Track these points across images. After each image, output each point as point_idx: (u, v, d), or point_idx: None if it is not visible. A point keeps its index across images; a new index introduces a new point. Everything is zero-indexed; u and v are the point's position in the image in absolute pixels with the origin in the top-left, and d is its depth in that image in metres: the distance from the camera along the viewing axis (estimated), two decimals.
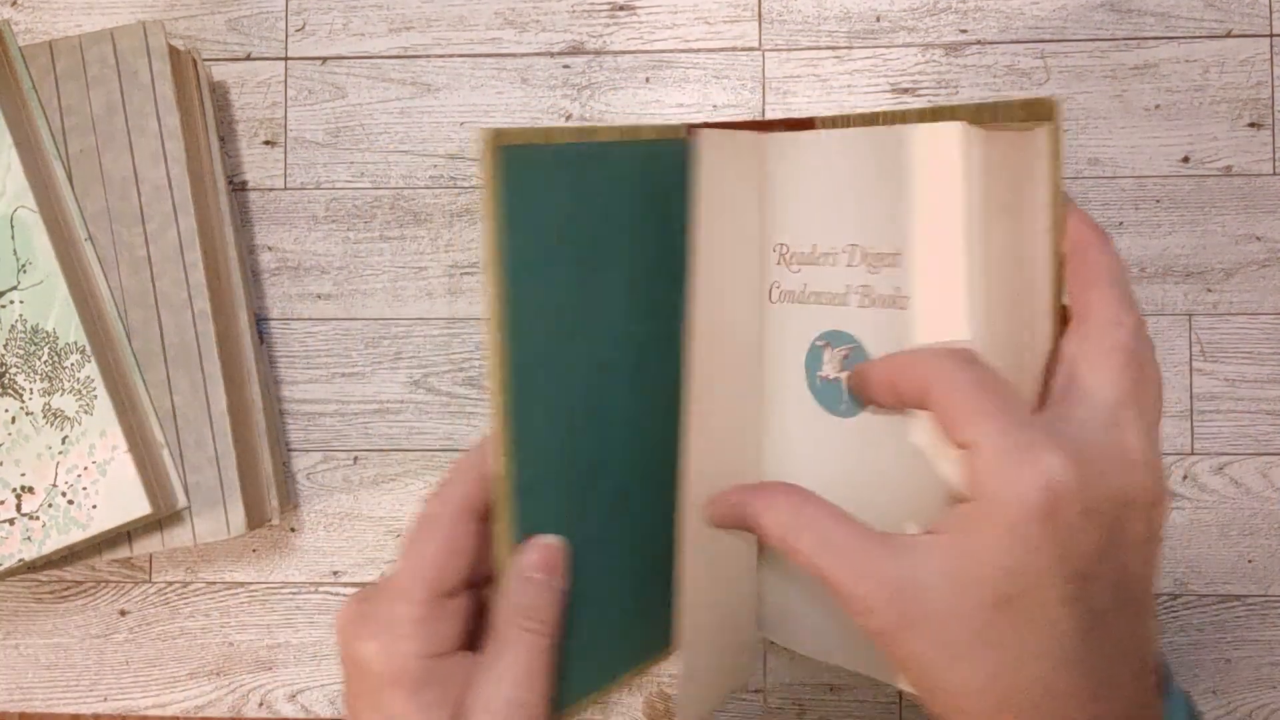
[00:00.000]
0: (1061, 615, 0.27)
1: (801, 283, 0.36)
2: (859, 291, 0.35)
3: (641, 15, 0.47)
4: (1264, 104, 0.45)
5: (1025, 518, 0.26)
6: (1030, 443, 0.27)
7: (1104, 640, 0.27)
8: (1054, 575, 0.26)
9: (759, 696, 0.45)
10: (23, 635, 0.48)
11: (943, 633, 0.27)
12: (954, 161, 0.31)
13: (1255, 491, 0.45)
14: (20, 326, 0.41)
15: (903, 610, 0.28)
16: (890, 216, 0.33)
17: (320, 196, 0.47)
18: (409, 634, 0.29)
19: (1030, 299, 0.32)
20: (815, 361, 0.36)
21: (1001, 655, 0.27)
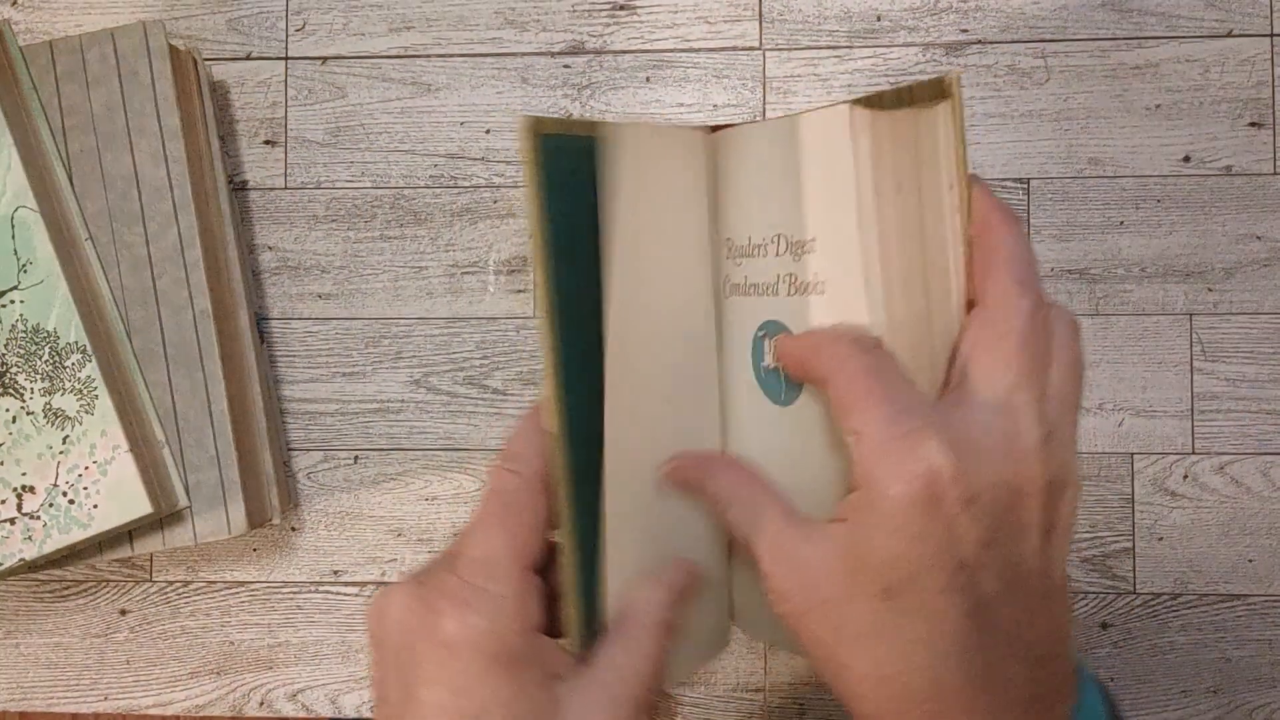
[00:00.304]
0: (945, 605, 0.26)
1: (743, 275, 0.36)
2: (787, 280, 0.35)
3: (642, 15, 0.47)
4: (1264, 104, 0.45)
5: (906, 506, 0.26)
6: (912, 431, 0.26)
7: (993, 631, 0.27)
8: (936, 565, 0.26)
9: (759, 696, 0.45)
10: (23, 634, 0.48)
11: (837, 620, 0.27)
12: (842, 143, 0.30)
13: (1256, 491, 0.44)
14: (21, 326, 0.41)
15: (806, 596, 0.28)
16: (800, 204, 0.33)
17: (320, 196, 0.47)
18: (514, 612, 0.28)
19: (939, 282, 0.31)
20: (758, 352, 0.37)
21: (889, 645, 0.27)
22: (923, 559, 0.26)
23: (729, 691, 0.45)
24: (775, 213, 0.35)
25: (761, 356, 0.36)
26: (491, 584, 0.28)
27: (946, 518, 0.26)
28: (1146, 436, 0.45)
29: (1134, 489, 0.45)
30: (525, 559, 0.29)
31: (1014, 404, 0.27)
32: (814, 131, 0.32)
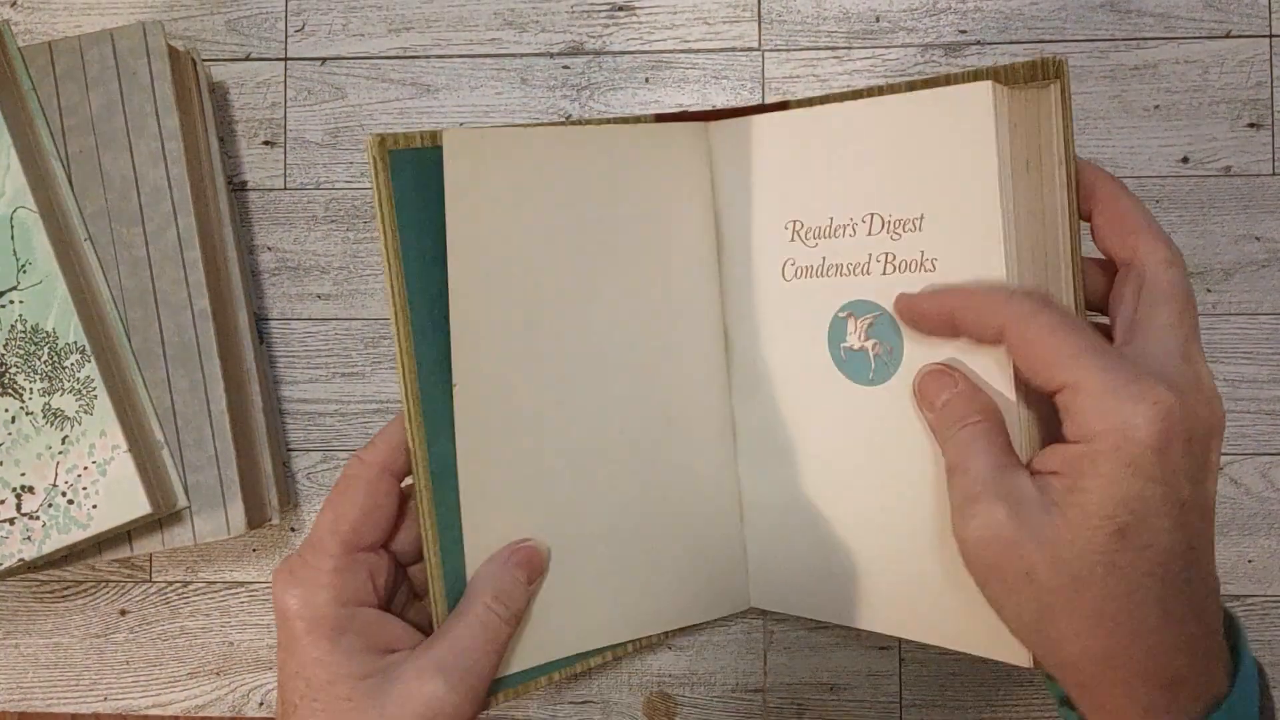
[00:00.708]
0: (1171, 542, 0.28)
1: (819, 256, 0.37)
2: (881, 259, 0.35)
3: (641, 15, 0.47)
4: (1263, 104, 0.45)
5: (1141, 448, 0.27)
6: (1136, 377, 0.28)
7: (1199, 566, 0.29)
8: (1163, 503, 0.28)
9: (759, 696, 0.45)
10: (23, 635, 0.48)
11: (1069, 564, 0.28)
12: (986, 119, 0.31)
13: (1255, 491, 0.44)
14: (20, 326, 0.41)
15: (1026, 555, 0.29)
16: (912, 182, 0.34)
17: (320, 196, 0.47)
18: (325, 583, 0.32)
19: (1052, 252, 0.33)
20: (839, 333, 0.37)
21: (1121, 580, 0.28)
22: (1153, 499, 0.28)
23: (729, 691, 0.45)
24: (870, 192, 0.35)
25: (843, 337, 0.36)
26: (311, 558, 0.32)
27: (1174, 457, 0.28)
28: None
29: None
30: (346, 538, 0.32)
31: (1192, 353, 0.30)
32: (951, 107, 0.32)
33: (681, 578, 0.39)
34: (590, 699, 0.46)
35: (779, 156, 0.37)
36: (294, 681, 0.31)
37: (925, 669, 0.45)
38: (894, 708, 0.45)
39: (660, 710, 0.46)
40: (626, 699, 0.46)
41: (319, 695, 0.31)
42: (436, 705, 0.30)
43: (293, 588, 0.32)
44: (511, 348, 0.35)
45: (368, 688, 0.30)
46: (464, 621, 0.32)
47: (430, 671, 0.31)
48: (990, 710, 0.45)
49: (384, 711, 0.30)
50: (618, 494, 0.37)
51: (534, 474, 0.35)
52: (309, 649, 0.31)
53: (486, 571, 0.33)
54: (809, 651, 0.45)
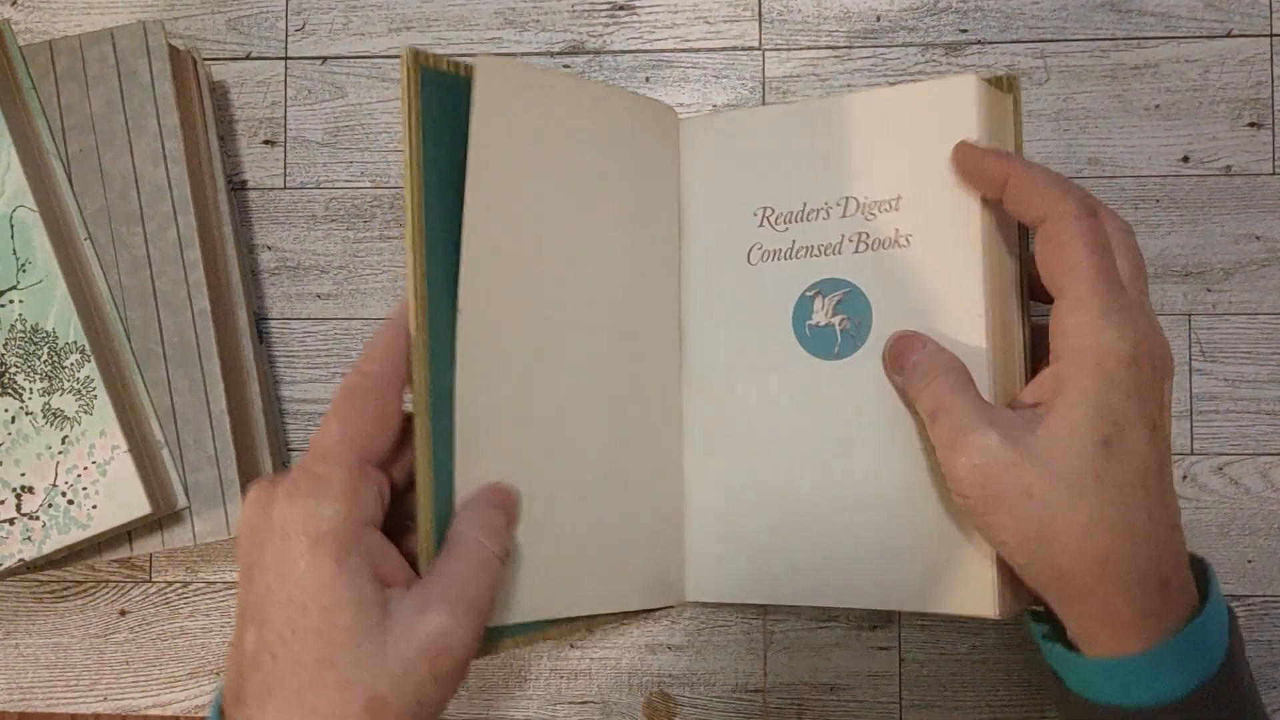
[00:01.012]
0: (1148, 456, 0.30)
1: (789, 240, 0.39)
2: (854, 239, 0.38)
3: (641, 15, 0.47)
4: (1264, 104, 0.45)
5: (1119, 365, 0.30)
6: (1126, 306, 0.31)
7: (1168, 488, 0.31)
8: (1139, 419, 0.30)
9: (758, 696, 0.45)
10: (23, 635, 0.48)
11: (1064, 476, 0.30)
12: (971, 106, 0.36)
13: (1255, 492, 0.45)
14: (20, 326, 0.41)
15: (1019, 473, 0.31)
16: (893, 166, 0.37)
17: (320, 196, 0.47)
18: (339, 494, 0.29)
19: (1010, 234, 0.37)
20: (805, 312, 0.39)
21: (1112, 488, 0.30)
22: (1131, 413, 0.30)
23: (728, 691, 0.45)
24: (845, 177, 0.38)
25: (809, 315, 0.39)
26: (320, 467, 0.29)
27: (1144, 379, 0.31)
28: None
29: None
30: (359, 448, 0.30)
31: (1146, 297, 0.33)
32: (938, 98, 0.36)
33: (619, 561, 0.39)
34: (590, 699, 0.46)
35: (750, 146, 0.40)
36: (286, 609, 0.28)
37: (925, 669, 0.45)
38: (894, 708, 0.45)
39: (660, 710, 0.46)
40: (626, 699, 0.46)
41: (314, 623, 0.28)
42: (442, 639, 0.29)
43: (297, 500, 0.29)
44: (514, 282, 0.35)
45: (370, 619, 0.28)
46: (460, 557, 0.31)
47: (435, 604, 0.29)
48: (990, 710, 0.45)
49: (385, 645, 0.28)
50: (584, 459, 0.38)
51: (523, 416, 0.36)
52: (312, 570, 0.28)
53: (472, 510, 0.32)
54: (809, 651, 0.45)
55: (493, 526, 0.32)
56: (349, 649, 0.28)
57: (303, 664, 0.28)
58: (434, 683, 0.28)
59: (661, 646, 0.46)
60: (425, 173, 0.32)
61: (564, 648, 0.46)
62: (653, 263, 0.40)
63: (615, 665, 0.46)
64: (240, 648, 0.29)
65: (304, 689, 0.27)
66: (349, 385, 0.31)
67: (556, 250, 0.37)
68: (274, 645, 0.28)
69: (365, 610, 0.28)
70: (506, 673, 0.46)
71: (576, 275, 0.38)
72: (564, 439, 0.37)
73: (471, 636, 0.30)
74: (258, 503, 0.29)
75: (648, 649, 0.46)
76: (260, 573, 0.29)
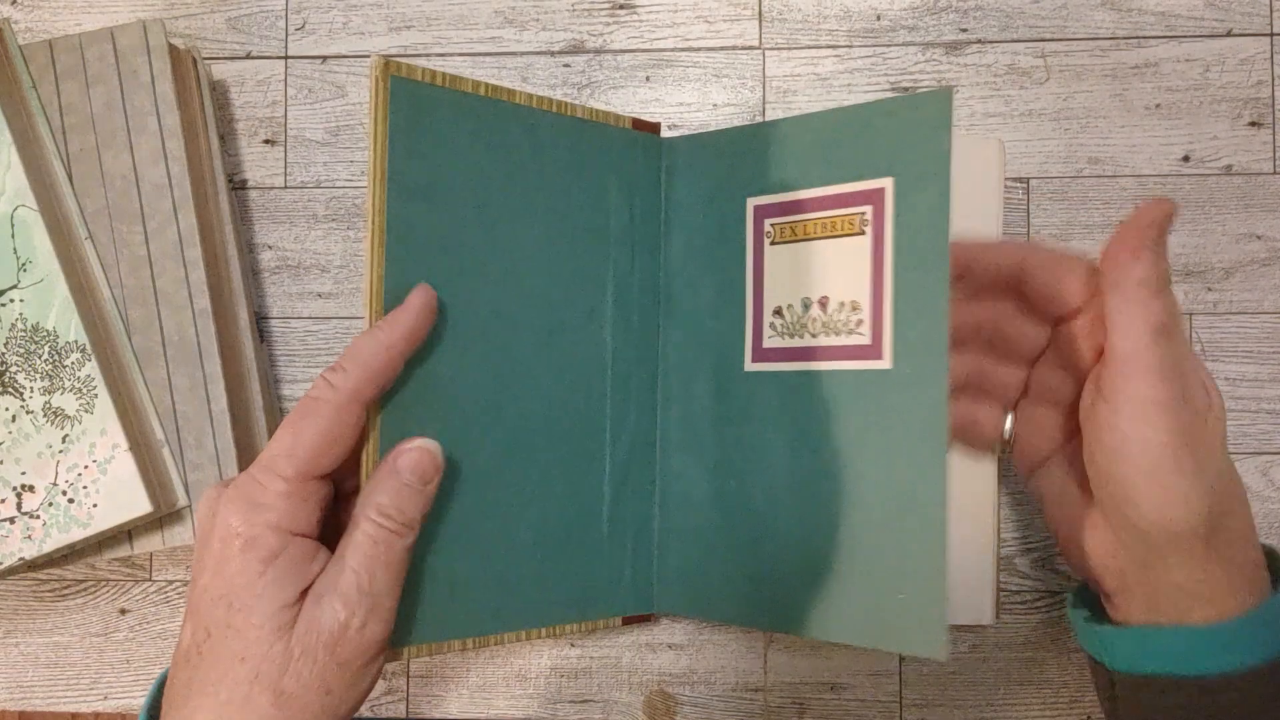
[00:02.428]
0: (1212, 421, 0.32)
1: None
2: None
3: (642, 14, 0.47)
4: (1264, 103, 0.45)
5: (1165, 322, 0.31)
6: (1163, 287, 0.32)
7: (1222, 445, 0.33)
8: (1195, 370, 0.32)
9: (759, 695, 0.45)
10: (23, 634, 0.48)
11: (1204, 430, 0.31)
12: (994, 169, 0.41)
13: (1255, 491, 0.44)
14: (21, 325, 0.41)
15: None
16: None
17: (320, 195, 0.47)
18: (271, 505, 0.30)
19: None
20: None
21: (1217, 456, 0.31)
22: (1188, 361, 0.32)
23: (729, 691, 0.45)
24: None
25: None
26: (263, 478, 0.31)
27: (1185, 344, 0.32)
28: None
29: None
30: (303, 463, 0.31)
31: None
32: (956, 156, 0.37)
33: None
34: (590, 698, 0.46)
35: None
36: (215, 607, 0.30)
37: (925, 668, 0.45)
38: (894, 707, 0.45)
39: (661, 709, 0.46)
40: (627, 698, 0.46)
41: (238, 619, 0.29)
42: (338, 628, 0.29)
43: (239, 506, 0.30)
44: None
45: (285, 619, 0.29)
46: (352, 541, 0.31)
47: (328, 594, 0.30)
48: (990, 710, 0.45)
49: (289, 643, 0.29)
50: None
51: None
52: (242, 570, 0.30)
53: (372, 483, 0.32)
54: (809, 650, 0.45)
55: (389, 499, 0.31)
56: (260, 644, 0.29)
57: (222, 659, 0.29)
58: (339, 668, 0.30)
59: (662, 645, 0.46)
60: (390, 180, 0.33)
61: (564, 647, 0.46)
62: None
63: (615, 664, 0.46)
64: (180, 641, 0.31)
65: (220, 682, 0.29)
66: (311, 396, 0.31)
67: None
68: (201, 641, 0.30)
69: (282, 611, 0.30)
70: (507, 672, 0.46)
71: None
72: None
73: (371, 621, 0.30)
74: (206, 504, 0.31)
75: (648, 648, 0.46)
76: (200, 571, 0.31)
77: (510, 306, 0.37)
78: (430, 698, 0.46)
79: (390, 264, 0.33)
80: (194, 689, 0.30)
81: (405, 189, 0.33)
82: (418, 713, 0.46)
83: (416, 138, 0.34)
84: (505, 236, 0.37)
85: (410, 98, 0.33)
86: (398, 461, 0.32)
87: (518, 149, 0.37)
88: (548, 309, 0.38)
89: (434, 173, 0.34)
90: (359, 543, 0.31)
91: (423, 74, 0.34)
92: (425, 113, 0.34)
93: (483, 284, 0.36)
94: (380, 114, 0.33)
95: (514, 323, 0.37)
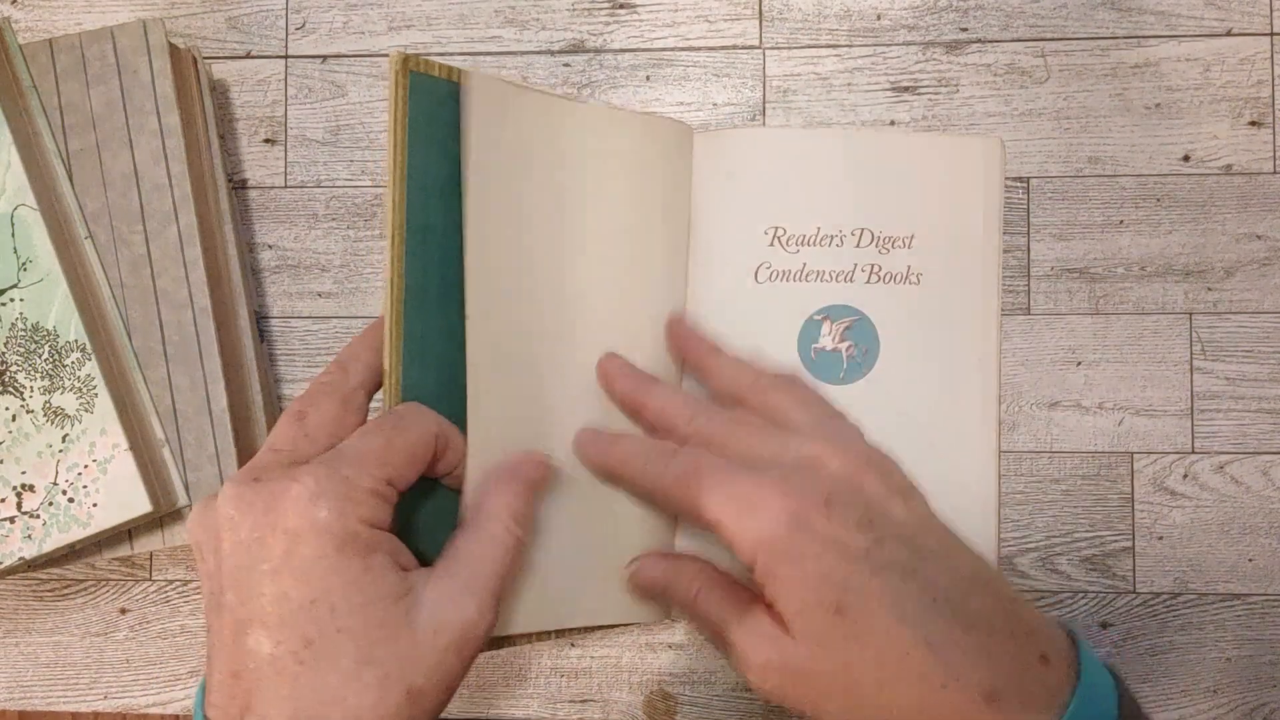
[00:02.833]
0: (891, 584, 0.29)
1: (800, 262, 0.40)
2: (867, 269, 0.40)
3: (642, 13, 0.47)
4: (1264, 103, 0.45)
5: (784, 543, 0.30)
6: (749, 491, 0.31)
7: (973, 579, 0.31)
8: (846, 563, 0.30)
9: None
10: (23, 633, 0.48)
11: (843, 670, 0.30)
12: (992, 171, 0.41)
13: (1256, 490, 0.44)
14: (21, 324, 0.41)
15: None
16: (909, 206, 0.40)
17: (320, 195, 0.47)
18: (362, 500, 0.29)
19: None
20: (812, 334, 0.40)
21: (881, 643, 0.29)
22: (835, 564, 0.30)
23: (729, 691, 0.45)
24: (860, 208, 0.41)
25: (816, 338, 0.40)
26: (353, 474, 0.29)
27: (819, 526, 0.30)
28: (1146, 436, 0.45)
29: (1134, 488, 0.45)
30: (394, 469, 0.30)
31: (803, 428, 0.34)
32: (957, 154, 0.40)
33: (612, 575, 0.39)
34: (590, 698, 0.46)
35: (766, 168, 0.41)
36: (313, 613, 0.27)
37: None
38: None
39: (661, 709, 0.46)
40: (627, 698, 0.46)
41: (348, 622, 0.27)
42: (470, 629, 0.29)
43: (323, 499, 0.28)
44: (518, 293, 0.36)
45: (400, 612, 0.28)
46: (485, 542, 0.31)
47: (462, 596, 0.29)
48: None
49: (417, 638, 0.28)
50: (583, 473, 0.38)
51: (526, 423, 0.36)
52: (338, 570, 0.27)
53: (502, 487, 0.32)
54: None
55: (520, 509, 0.32)
56: (385, 645, 0.28)
57: (338, 665, 0.27)
58: (461, 667, 0.30)
59: (662, 645, 0.46)
60: (409, 178, 0.33)
61: (564, 647, 0.46)
62: (659, 277, 0.40)
63: (616, 664, 0.46)
64: (243, 657, 0.28)
65: (343, 688, 0.27)
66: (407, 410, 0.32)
67: (561, 262, 0.37)
68: (299, 649, 0.27)
69: (396, 604, 0.28)
70: (507, 672, 0.46)
71: (580, 288, 0.38)
72: (566, 452, 0.37)
73: (493, 622, 0.30)
74: (242, 499, 0.28)
75: (648, 648, 0.46)
76: (266, 575, 0.27)
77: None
78: None
79: (410, 260, 0.33)
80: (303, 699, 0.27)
81: (424, 186, 0.33)
82: None
83: (434, 134, 0.33)
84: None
85: (429, 94, 0.33)
86: (522, 471, 0.33)
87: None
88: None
89: (453, 169, 0.34)
90: (492, 547, 0.31)
91: (439, 69, 0.34)
92: (443, 109, 0.34)
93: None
94: (399, 110, 0.32)
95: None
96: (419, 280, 0.33)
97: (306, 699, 0.27)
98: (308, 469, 0.28)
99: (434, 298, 0.34)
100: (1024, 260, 0.45)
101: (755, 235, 0.41)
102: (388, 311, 0.33)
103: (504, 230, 0.35)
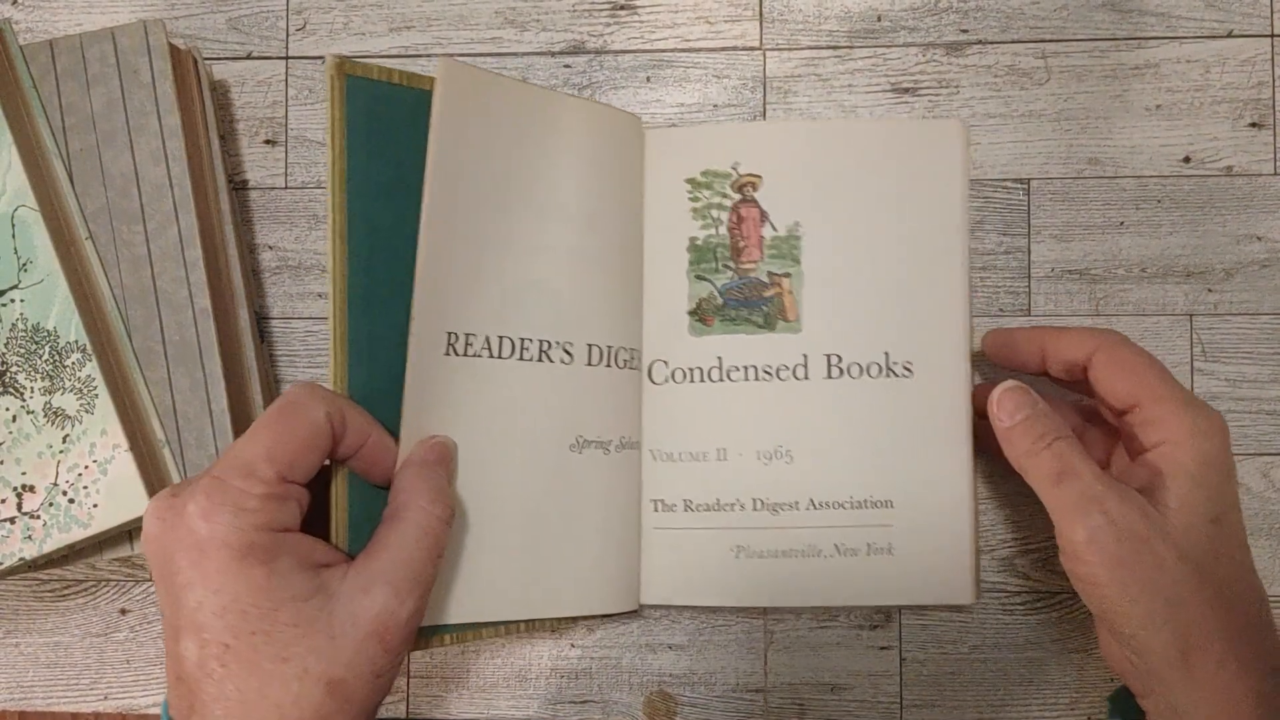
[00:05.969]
0: (1242, 529, 0.33)
1: None
2: None
3: (642, 15, 0.47)
4: (1265, 104, 0.45)
5: (1213, 445, 0.33)
6: (1194, 399, 0.34)
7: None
8: (1234, 496, 0.33)
9: (759, 696, 0.45)
10: (23, 634, 0.48)
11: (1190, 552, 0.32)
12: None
13: (1256, 491, 0.45)
14: (21, 325, 0.41)
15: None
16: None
17: (321, 195, 0.47)
18: (255, 507, 0.29)
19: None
20: None
21: (1229, 565, 0.32)
22: (1230, 490, 0.33)
23: (729, 691, 0.45)
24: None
25: None
26: (240, 482, 0.29)
27: (1229, 459, 0.34)
28: None
29: None
30: (285, 469, 0.30)
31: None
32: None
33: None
34: (590, 698, 0.46)
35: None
36: (226, 618, 0.28)
37: (925, 669, 0.45)
38: (894, 708, 0.45)
39: (661, 710, 0.46)
40: (626, 698, 0.46)
41: (259, 626, 0.28)
42: (387, 617, 0.30)
43: (216, 513, 0.29)
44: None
45: (313, 609, 0.29)
46: (402, 528, 0.31)
47: (377, 584, 0.30)
48: (990, 710, 0.45)
49: (333, 632, 0.29)
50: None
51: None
52: (243, 578, 0.28)
53: (413, 472, 0.33)
54: (809, 651, 0.45)
55: (435, 488, 0.32)
56: (300, 642, 0.29)
57: (256, 665, 0.28)
58: (385, 654, 0.30)
59: (662, 646, 0.46)
60: (349, 179, 0.33)
61: (564, 647, 0.46)
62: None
63: (615, 664, 0.46)
64: (180, 661, 0.29)
65: (264, 687, 0.28)
66: (292, 401, 0.31)
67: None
68: (219, 654, 0.29)
69: (305, 603, 0.29)
70: (507, 672, 0.46)
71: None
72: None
73: (416, 605, 0.31)
74: (160, 516, 0.30)
75: (648, 648, 0.46)
76: (183, 587, 0.29)
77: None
78: (430, 698, 0.46)
79: (353, 262, 0.33)
80: (231, 698, 0.28)
81: (365, 188, 0.34)
82: (418, 713, 0.46)
83: (374, 136, 0.34)
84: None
85: (367, 96, 0.34)
86: (428, 454, 0.33)
87: None
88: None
89: (394, 170, 0.34)
90: (408, 532, 0.31)
91: (378, 72, 0.34)
92: (383, 111, 0.34)
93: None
94: (337, 113, 0.33)
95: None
96: (363, 280, 0.34)
97: (233, 699, 0.29)
98: (201, 485, 0.29)
99: (380, 298, 0.34)
100: (1024, 262, 0.45)
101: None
102: (332, 312, 0.33)
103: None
